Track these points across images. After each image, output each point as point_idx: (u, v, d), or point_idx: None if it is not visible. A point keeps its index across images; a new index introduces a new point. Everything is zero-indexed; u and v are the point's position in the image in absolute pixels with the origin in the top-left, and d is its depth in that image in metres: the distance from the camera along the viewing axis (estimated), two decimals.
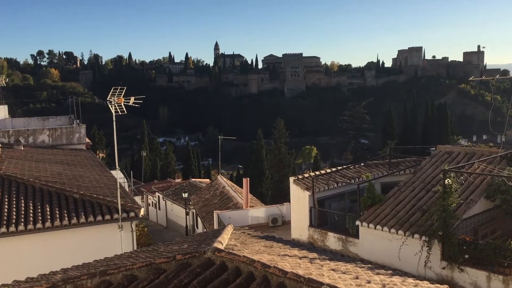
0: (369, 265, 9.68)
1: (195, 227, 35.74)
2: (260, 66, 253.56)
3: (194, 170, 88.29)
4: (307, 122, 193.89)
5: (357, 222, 14.23)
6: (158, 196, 46.07)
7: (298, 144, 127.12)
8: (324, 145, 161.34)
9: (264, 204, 35.02)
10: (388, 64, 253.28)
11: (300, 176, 17.73)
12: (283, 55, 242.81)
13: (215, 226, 23.90)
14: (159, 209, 46.10)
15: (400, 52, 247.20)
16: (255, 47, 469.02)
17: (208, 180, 56.74)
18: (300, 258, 8.60)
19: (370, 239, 13.92)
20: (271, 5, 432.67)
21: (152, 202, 48.40)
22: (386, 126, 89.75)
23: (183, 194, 38.47)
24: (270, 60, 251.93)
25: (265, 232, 13.10)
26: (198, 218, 32.72)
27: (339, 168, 19.06)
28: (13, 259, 13.15)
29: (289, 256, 8.52)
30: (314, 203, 16.26)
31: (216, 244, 7.13)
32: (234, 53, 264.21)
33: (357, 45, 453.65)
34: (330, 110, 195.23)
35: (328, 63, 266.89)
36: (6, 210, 13.60)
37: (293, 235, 17.35)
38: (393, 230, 13.08)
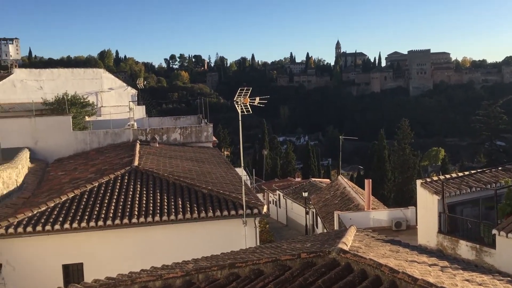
0: (509, 278, 8.81)
1: (315, 226, 35.76)
2: (383, 64, 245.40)
3: (313, 169, 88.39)
4: (434, 122, 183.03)
5: (494, 231, 13.04)
6: (279, 194, 46.95)
7: (423, 145, 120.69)
8: (453, 146, 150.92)
9: (386, 206, 33.81)
10: None
11: (428, 179, 16.78)
12: (408, 52, 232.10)
13: (336, 227, 23.66)
14: (279, 207, 46.97)
15: None
16: (378, 45, 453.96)
17: (328, 180, 56.38)
18: (429, 265, 8.13)
19: (509, 250, 12.66)
20: (395, 0, 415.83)
21: (273, 200, 49.48)
22: None
23: (303, 193, 38.73)
24: (394, 58, 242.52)
25: (388, 236, 12.62)
26: (318, 218, 32.68)
27: (472, 171, 17.66)
28: (149, 247, 14.33)
29: (418, 263, 8.10)
30: (444, 208, 15.27)
31: (340, 245, 7.03)
32: (356, 52, 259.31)
33: (493, 38, 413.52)
34: (460, 109, 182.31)
35: (459, 58, 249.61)
36: (144, 202, 14.91)
37: (419, 240, 16.49)
38: None
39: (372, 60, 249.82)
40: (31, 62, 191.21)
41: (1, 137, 23.80)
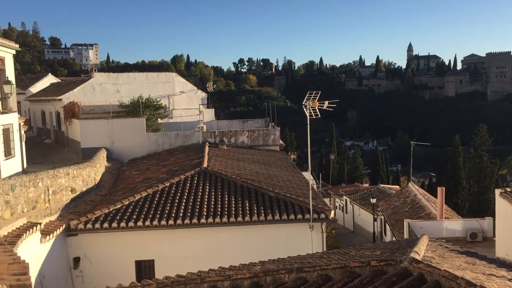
0: None
1: (383, 234, 34.76)
2: (459, 67, 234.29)
3: (382, 175, 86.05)
4: None
5: None
6: (346, 200, 46.13)
7: (502, 153, 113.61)
8: None
9: (460, 216, 32.21)
10: None
11: (508, 189, 15.76)
12: (486, 54, 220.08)
13: (405, 235, 22.86)
14: (346, 212, 46.13)
15: None
16: (453, 47, 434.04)
17: (398, 186, 54.60)
18: (509, 280, 7.62)
19: None
20: (472, 0, 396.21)
21: (339, 205, 48.69)
22: None
23: (371, 199, 37.80)
24: (471, 60, 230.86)
25: (462, 247, 11.99)
26: (387, 225, 31.73)
27: None
28: (217, 247, 14.62)
29: (496, 277, 7.62)
30: None
31: (413, 254, 6.77)
32: (429, 54, 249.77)
33: None
34: None
35: None
36: (213, 203, 15.23)
37: (497, 253, 15.50)
38: None
39: (446, 63, 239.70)
40: (109, 66, 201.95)
41: (82, 137, 25.34)
